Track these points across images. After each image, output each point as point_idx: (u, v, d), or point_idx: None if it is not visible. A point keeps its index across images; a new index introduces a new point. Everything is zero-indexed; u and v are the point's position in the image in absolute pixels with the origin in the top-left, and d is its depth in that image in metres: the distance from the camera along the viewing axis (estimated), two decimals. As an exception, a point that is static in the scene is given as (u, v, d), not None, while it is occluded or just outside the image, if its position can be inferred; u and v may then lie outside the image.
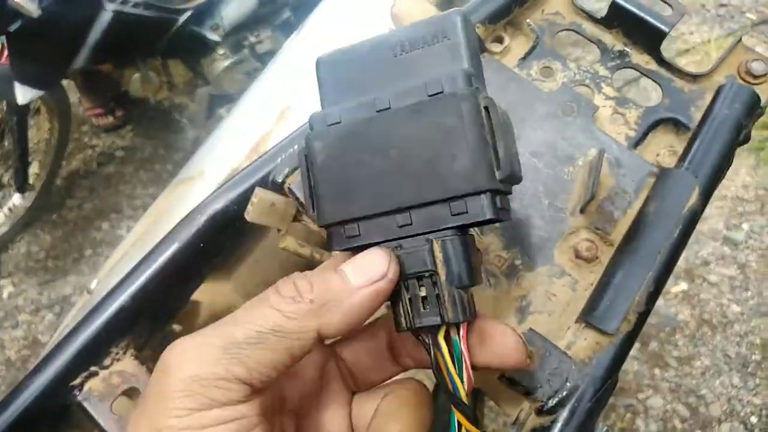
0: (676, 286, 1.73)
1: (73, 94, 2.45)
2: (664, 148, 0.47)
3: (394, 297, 0.31)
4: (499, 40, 0.49)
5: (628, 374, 1.57)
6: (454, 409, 0.31)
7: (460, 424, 0.31)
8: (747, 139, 0.45)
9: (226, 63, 2.11)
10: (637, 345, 1.63)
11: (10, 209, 2.15)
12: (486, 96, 0.30)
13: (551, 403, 0.38)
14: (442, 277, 0.30)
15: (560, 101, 0.46)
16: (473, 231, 0.36)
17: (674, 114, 0.47)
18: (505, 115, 0.31)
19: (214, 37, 2.06)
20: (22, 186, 2.00)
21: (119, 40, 1.87)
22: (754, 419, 1.49)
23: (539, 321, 0.42)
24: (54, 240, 2.20)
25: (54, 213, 2.27)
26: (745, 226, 1.86)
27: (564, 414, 0.38)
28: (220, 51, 2.10)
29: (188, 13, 1.98)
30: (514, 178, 0.30)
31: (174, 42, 2.03)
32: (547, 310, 0.42)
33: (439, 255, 0.30)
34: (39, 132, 2.18)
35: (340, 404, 0.35)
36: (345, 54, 0.34)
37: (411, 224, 0.30)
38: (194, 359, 0.26)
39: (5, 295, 2.05)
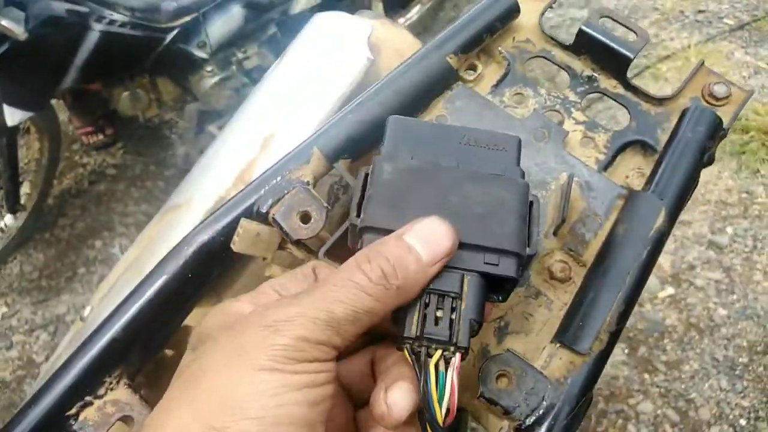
0: (663, 291, 1.76)
1: (63, 113, 2.46)
2: (632, 170, 0.49)
3: (407, 306, 0.33)
4: (473, 67, 0.51)
5: (618, 380, 1.59)
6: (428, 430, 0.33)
7: None
8: (711, 161, 0.47)
9: (214, 79, 2.12)
10: (626, 350, 1.65)
11: (2, 229, 2.15)
12: (534, 194, 0.37)
13: (529, 421, 0.39)
14: (464, 304, 0.33)
15: (532, 127, 0.48)
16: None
17: (641, 137, 0.49)
18: (540, 208, 0.37)
19: (201, 54, 2.08)
20: (13, 207, 2.00)
21: (107, 60, 1.89)
22: (743, 422, 1.51)
23: (517, 341, 0.44)
24: (47, 259, 2.20)
25: (46, 232, 2.27)
26: (729, 230, 1.89)
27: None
28: (208, 68, 2.12)
29: (175, 32, 1.99)
30: (533, 258, 0.37)
31: (162, 60, 2.05)
32: (524, 330, 0.44)
33: (466, 286, 0.34)
34: (29, 152, 2.19)
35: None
36: (416, 123, 0.39)
37: None
38: (302, 326, 0.30)
39: (-1, 315, 2.05)
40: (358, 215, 0.35)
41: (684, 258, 1.83)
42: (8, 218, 2.13)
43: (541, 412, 0.40)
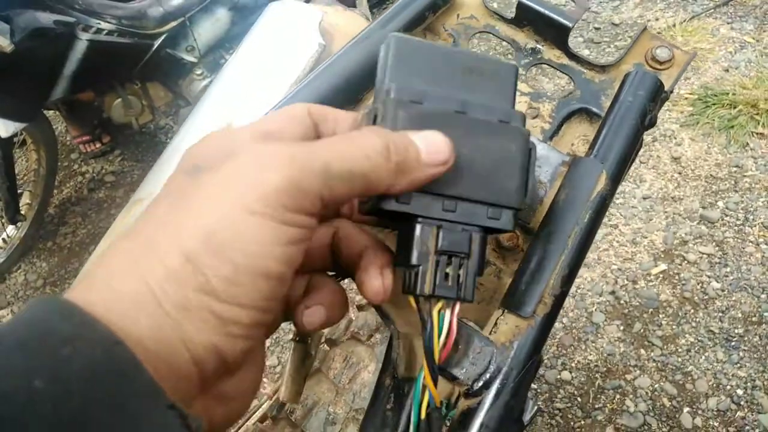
0: (656, 268, 1.76)
1: (60, 124, 2.49)
2: (578, 138, 0.50)
3: (420, 264, 0.35)
4: (419, 48, 0.52)
5: (614, 356, 1.60)
6: (425, 367, 0.35)
7: (424, 386, 0.36)
8: (653, 123, 0.47)
9: (205, 82, 2.14)
10: (621, 327, 1.65)
11: (4, 240, 2.18)
12: (533, 140, 0.37)
13: (476, 386, 0.40)
14: (471, 261, 0.35)
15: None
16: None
17: (586, 104, 0.50)
18: (536, 154, 0.38)
19: (190, 58, 2.09)
20: (13, 217, 2.03)
21: (96, 68, 1.90)
22: (740, 392, 1.51)
23: (469, 309, 0.45)
24: (50, 267, 2.23)
25: (49, 241, 2.30)
26: (721, 204, 1.89)
27: (490, 395, 0.40)
28: (198, 71, 2.13)
29: (162, 37, 2.01)
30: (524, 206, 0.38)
31: (151, 66, 2.06)
32: (475, 299, 0.45)
33: (475, 245, 0.35)
34: (27, 163, 2.21)
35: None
36: (418, 44, 0.38)
37: (454, 212, 0.35)
38: (298, 170, 0.29)
39: (4, 325, 2.07)
40: None
41: (676, 234, 1.83)
42: (10, 229, 2.16)
43: (488, 376, 0.41)
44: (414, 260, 0.34)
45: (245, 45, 0.58)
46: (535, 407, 0.43)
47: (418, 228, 0.35)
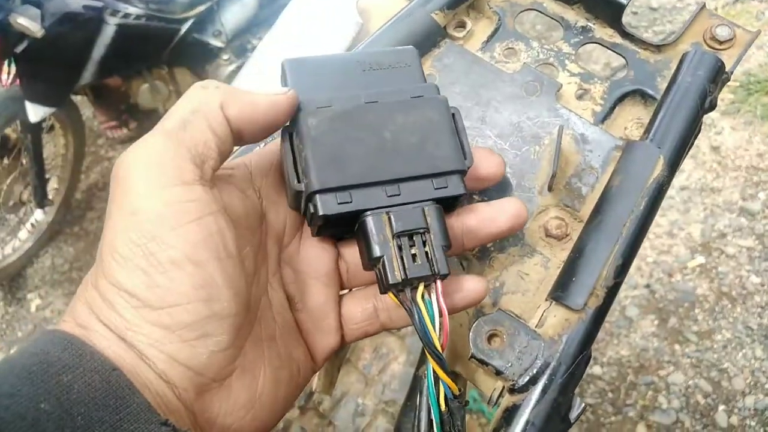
0: (692, 261, 1.71)
1: (87, 109, 2.50)
2: (631, 121, 0.47)
3: (383, 254, 0.34)
4: (462, 24, 0.49)
5: (647, 351, 1.56)
6: (429, 358, 0.34)
7: (436, 374, 0.34)
8: (713, 107, 0.44)
9: (231, 67, 2.13)
10: (655, 322, 1.61)
11: (32, 225, 2.20)
12: (453, 106, 0.38)
13: (522, 381, 0.38)
14: (433, 235, 0.34)
15: (523, 81, 0.46)
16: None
17: (640, 86, 0.47)
18: (461, 119, 0.38)
19: (217, 43, 2.09)
20: (41, 201, 2.05)
21: (124, 53, 1.91)
22: (779, 390, 1.46)
23: (513, 301, 0.42)
24: (77, 252, 2.25)
25: (75, 226, 2.32)
26: (762, 196, 1.83)
27: (536, 391, 0.38)
28: (224, 56, 2.13)
29: (190, 22, 2.01)
30: (469, 168, 0.37)
31: (178, 51, 2.06)
32: (520, 289, 0.43)
33: (429, 217, 0.34)
34: (55, 148, 2.23)
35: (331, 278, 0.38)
36: (312, 60, 0.38)
37: (399, 195, 0.34)
38: (145, 156, 0.30)
39: (33, 308, 2.10)
40: (300, 180, 0.34)
41: (714, 226, 1.77)
42: (38, 213, 2.18)
43: (534, 371, 0.38)
44: (376, 252, 0.34)
45: (278, 25, 0.56)
46: (582, 405, 0.41)
47: (368, 220, 0.34)
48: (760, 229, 1.75)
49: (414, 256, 0.34)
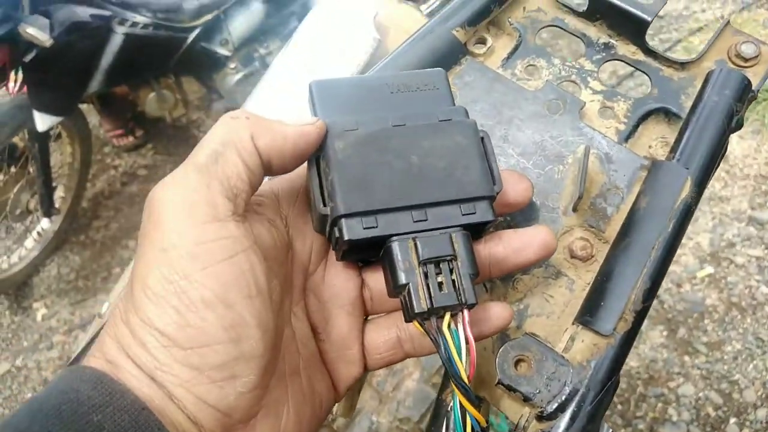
0: (701, 271, 1.70)
1: (93, 117, 2.50)
2: (656, 140, 0.46)
3: (408, 281, 0.33)
4: (482, 41, 0.49)
5: (657, 363, 1.55)
6: (456, 391, 0.33)
7: (462, 406, 0.33)
8: (740, 125, 0.44)
9: (238, 76, 2.13)
10: (664, 333, 1.60)
11: (39, 233, 2.20)
12: (483, 129, 0.37)
13: (550, 408, 0.38)
14: (460, 262, 0.33)
15: (546, 99, 0.46)
16: None
17: (664, 104, 0.46)
18: (491, 142, 0.37)
19: (224, 51, 2.09)
20: (48, 210, 2.04)
21: (131, 62, 1.91)
22: (791, 403, 1.45)
23: (538, 324, 0.42)
24: (83, 261, 2.24)
25: (81, 234, 2.31)
26: (771, 205, 1.82)
27: (565, 419, 0.37)
28: (231, 65, 2.13)
29: (197, 31, 2.01)
30: (498, 194, 0.36)
31: (185, 59, 2.06)
32: (545, 312, 0.42)
33: (456, 244, 0.33)
34: (62, 156, 2.23)
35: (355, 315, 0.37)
36: (339, 82, 0.38)
37: (426, 220, 0.34)
38: (178, 192, 0.30)
39: (39, 317, 2.10)
40: (325, 204, 0.33)
41: (723, 235, 1.76)
42: (44, 222, 2.17)
43: (563, 398, 0.38)
44: (402, 280, 0.33)
45: (295, 39, 0.56)
46: (610, 430, 0.40)
47: (394, 246, 0.33)
48: (769, 238, 1.74)
49: (440, 284, 0.33)
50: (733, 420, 1.44)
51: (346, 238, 0.32)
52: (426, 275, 0.33)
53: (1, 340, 2.05)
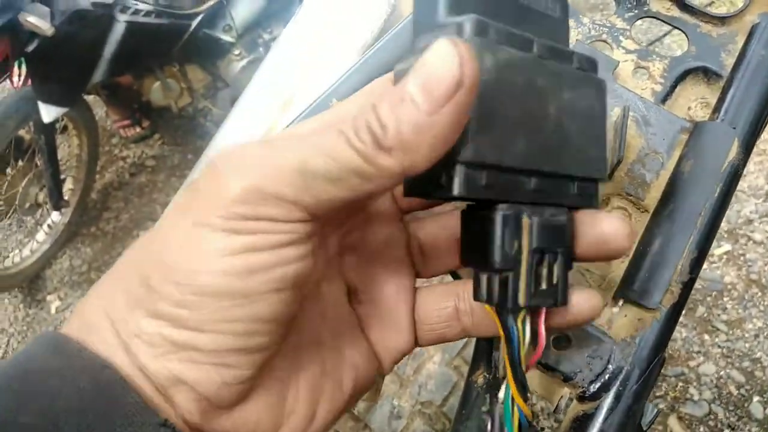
0: (719, 248, 1.66)
1: (100, 109, 2.48)
2: (695, 101, 0.43)
3: (512, 268, 0.27)
4: (507, 2, 0.46)
5: (676, 342, 1.52)
6: (511, 384, 0.29)
7: (513, 400, 0.29)
8: (789, 82, 0.41)
9: (243, 63, 2.11)
10: (683, 312, 1.57)
11: (49, 226, 2.19)
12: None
13: (593, 388, 0.35)
14: (566, 257, 0.28)
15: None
16: None
17: (703, 62, 0.43)
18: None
19: (227, 38, 2.06)
20: (57, 203, 2.03)
21: (135, 50, 1.88)
22: (815, 379, 1.42)
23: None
24: (95, 252, 2.24)
25: (92, 226, 2.31)
26: (790, 180, 1.78)
27: (609, 399, 0.35)
28: (236, 51, 2.10)
29: (200, 17, 1.98)
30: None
31: (189, 47, 2.04)
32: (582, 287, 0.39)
33: (568, 234, 0.28)
34: (69, 149, 2.22)
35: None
36: None
37: (542, 192, 0.27)
38: (259, 171, 0.23)
39: (53, 309, 2.10)
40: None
41: (740, 212, 1.73)
42: (54, 215, 2.17)
43: (606, 377, 0.35)
44: (502, 262, 0.26)
45: (303, 10, 0.53)
46: (656, 410, 0.37)
47: (505, 218, 0.26)
48: (789, 213, 1.71)
49: (539, 277, 0.27)
50: (756, 398, 1.42)
51: (456, 193, 0.24)
52: (532, 266, 0.27)
53: (16, 332, 2.05)
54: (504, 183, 0.26)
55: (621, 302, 0.37)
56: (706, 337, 1.53)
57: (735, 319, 1.54)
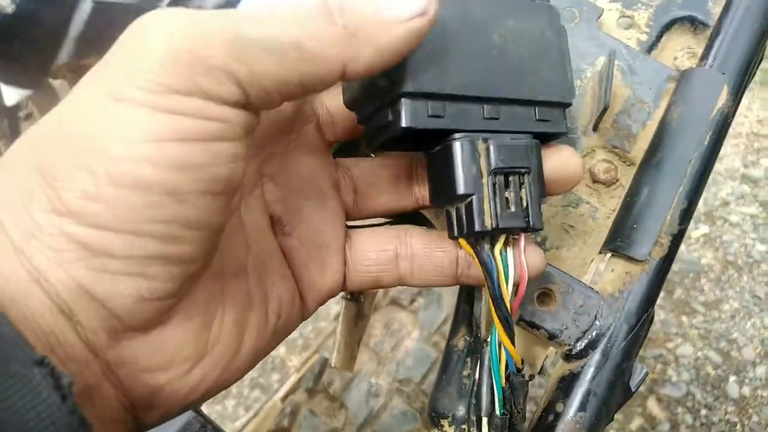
0: (696, 230, 1.67)
1: (66, 94, 2.41)
2: (681, 51, 0.41)
3: (474, 192, 0.27)
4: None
5: (654, 324, 1.52)
6: (497, 324, 0.28)
7: (500, 343, 0.29)
8: (778, 28, 0.39)
9: (215, 47, 2.06)
10: (661, 294, 1.57)
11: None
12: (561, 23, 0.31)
13: (580, 345, 0.33)
14: (532, 179, 0.28)
15: (559, 7, 0.41)
16: None
17: (690, 11, 0.41)
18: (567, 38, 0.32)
19: (199, 20, 2.01)
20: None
21: (102, 30, 1.82)
22: (790, 358, 1.43)
23: (557, 257, 0.37)
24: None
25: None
26: (764, 162, 1.79)
27: (596, 357, 0.33)
28: (207, 35, 2.05)
29: (170, -2, 1.93)
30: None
31: (159, 30, 1.99)
32: (565, 244, 0.37)
33: (533, 156, 0.28)
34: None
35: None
36: None
37: (498, 119, 0.28)
38: (188, 33, 0.21)
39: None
40: (392, 78, 0.26)
41: (717, 194, 1.74)
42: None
43: (594, 334, 0.33)
44: (463, 188, 0.27)
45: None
46: (644, 370, 0.36)
47: (461, 145, 0.27)
48: (763, 195, 1.72)
49: (507, 201, 0.27)
50: (732, 378, 1.42)
51: (404, 124, 0.25)
52: (495, 188, 0.27)
53: None
54: (454, 113, 0.27)
55: (608, 255, 0.35)
56: (684, 318, 1.53)
57: (712, 301, 1.55)
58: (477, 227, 0.27)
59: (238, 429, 0.83)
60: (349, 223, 0.32)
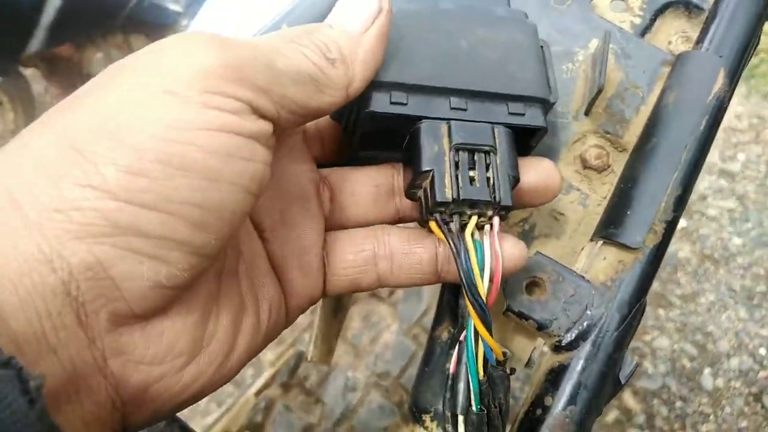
0: (675, 224, 1.69)
1: (39, 84, 2.35)
2: (675, 35, 0.40)
3: (433, 167, 0.28)
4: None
5: (633, 317, 1.53)
6: (471, 312, 0.27)
7: (476, 333, 0.27)
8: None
9: (191, 34, 2.02)
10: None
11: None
12: (542, 39, 0.33)
13: (570, 336, 0.32)
14: (499, 158, 0.28)
15: (552, -12, 0.39)
16: None
17: (684, -6, 0.40)
18: (550, 54, 0.33)
19: (175, 7, 1.98)
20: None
21: (75, 18, 1.78)
22: (762, 351, 1.45)
23: (547, 245, 0.36)
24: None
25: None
26: (741, 157, 1.81)
27: (587, 348, 0.32)
28: (184, 22, 2.02)
29: (145, -16, 1.89)
30: (553, 106, 0.32)
31: (134, 16, 1.94)
32: (554, 232, 0.36)
33: (498, 138, 0.29)
34: (4, 125, 2.09)
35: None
36: None
37: (465, 110, 0.29)
38: (236, 51, 0.23)
39: None
40: None
41: (695, 188, 1.75)
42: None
43: (584, 324, 0.32)
44: (424, 166, 0.27)
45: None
46: (635, 363, 0.34)
47: (422, 128, 0.28)
48: (740, 190, 1.73)
49: (472, 179, 0.28)
50: (707, 370, 1.44)
51: (369, 108, 0.27)
52: (457, 164, 0.28)
53: None
54: (418, 102, 0.28)
55: (600, 243, 0.34)
56: (661, 311, 1.54)
57: (689, 294, 1.56)
58: (438, 197, 0.27)
59: (210, 424, 0.81)
60: None
